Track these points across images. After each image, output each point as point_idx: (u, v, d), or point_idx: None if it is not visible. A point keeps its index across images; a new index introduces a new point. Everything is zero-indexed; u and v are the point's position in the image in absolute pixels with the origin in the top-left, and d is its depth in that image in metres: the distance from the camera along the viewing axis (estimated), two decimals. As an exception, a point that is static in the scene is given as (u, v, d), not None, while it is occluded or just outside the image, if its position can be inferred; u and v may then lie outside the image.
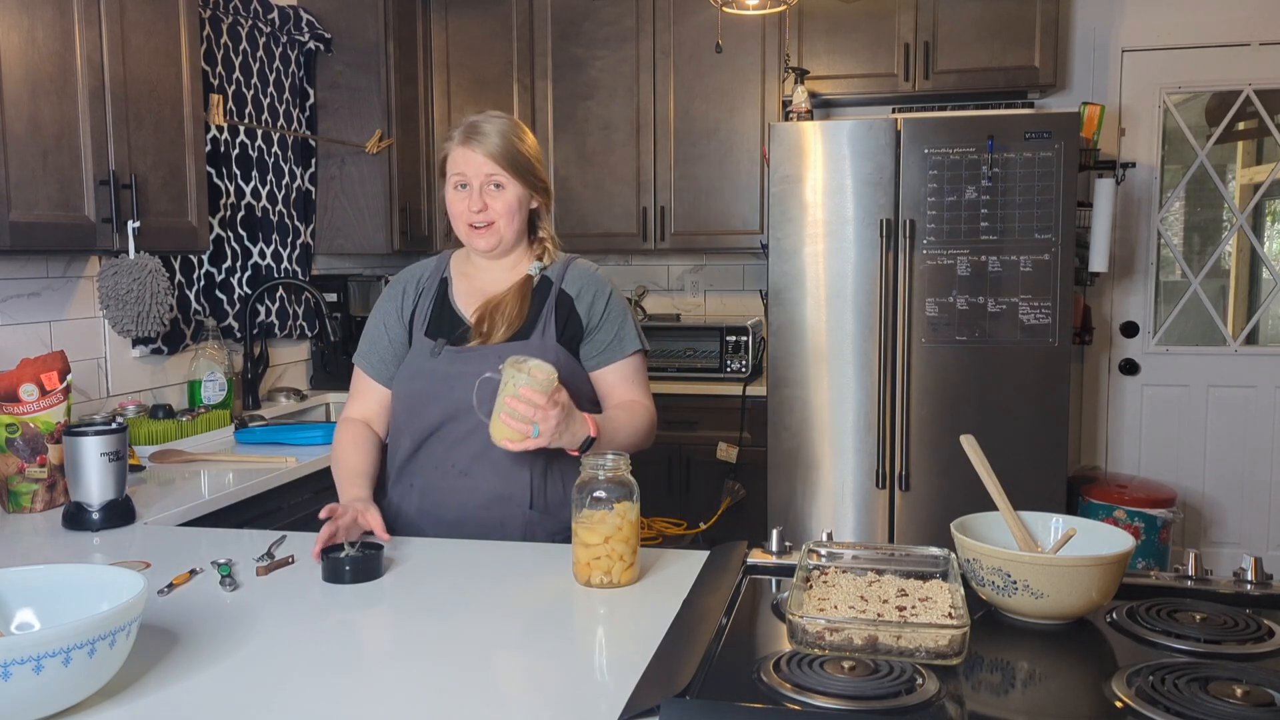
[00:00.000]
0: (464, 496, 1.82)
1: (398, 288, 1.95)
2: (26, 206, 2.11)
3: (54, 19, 2.16)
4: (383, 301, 1.96)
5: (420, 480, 1.85)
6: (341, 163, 3.63)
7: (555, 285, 1.88)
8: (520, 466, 1.80)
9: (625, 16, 4.06)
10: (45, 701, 1.01)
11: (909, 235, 3.42)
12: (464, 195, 1.83)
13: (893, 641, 1.11)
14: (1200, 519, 4.17)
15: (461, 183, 1.83)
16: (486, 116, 1.85)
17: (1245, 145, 4.12)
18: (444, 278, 1.93)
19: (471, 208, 1.82)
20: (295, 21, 3.40)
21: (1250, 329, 4.12)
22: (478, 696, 1.11)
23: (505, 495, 1.81)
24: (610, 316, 1.88)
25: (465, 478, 1.81)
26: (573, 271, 1.90)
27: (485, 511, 1.81)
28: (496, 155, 1.80)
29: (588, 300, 1.87)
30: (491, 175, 1.81)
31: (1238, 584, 1.34)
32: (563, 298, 1.87)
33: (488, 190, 1.82)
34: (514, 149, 1.82)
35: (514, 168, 1.82)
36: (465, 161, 1.82)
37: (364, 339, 1.95)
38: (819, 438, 3.57)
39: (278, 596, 1.44)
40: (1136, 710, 0.99)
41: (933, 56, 3.82)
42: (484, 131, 1.81)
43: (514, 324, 1.83)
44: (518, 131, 1.85)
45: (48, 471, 2.03)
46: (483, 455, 1.79)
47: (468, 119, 1.85)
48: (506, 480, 1.80)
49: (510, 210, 1.83)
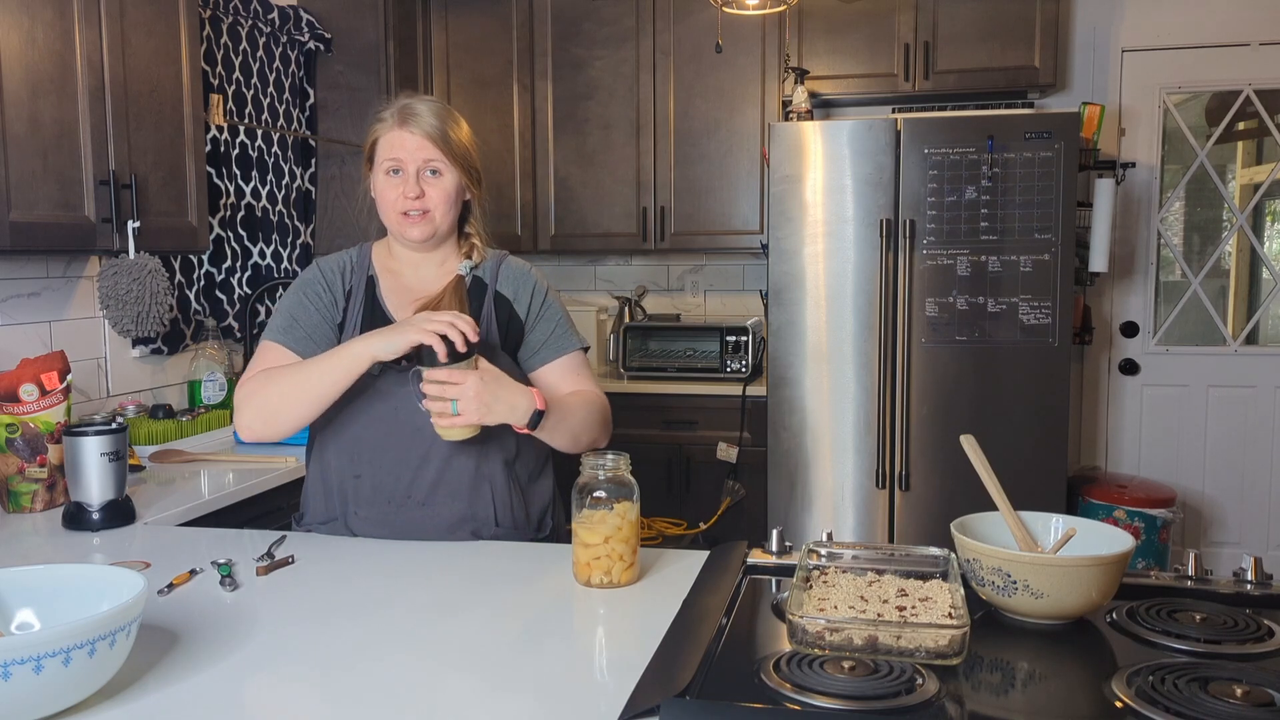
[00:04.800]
0: (426, 527, 1.72)
1: (325, 281, 1.77)
2: (26, 206, 2.10)
3: (54, 19, 2.16)
4: (304, 289, 1.76)
5: (368, 511, 1.73)
6: (341, 163, 3.63)
7: (490, 287, 1.78)
8: (481, 485, 1.72)
9: (625, 16, 4.06)
10: (45, 701, 1.01)
11: (909, 235, 3.42)
12: (397, 181, 1.71)
13: (893, 641, 1.11)
14: (1200, 519, 4.17)
15: (395, 168, 1.71)
16: (420, 98, 1.74)
17: (1245, 145, 4.12)
18: (370, 276, 1.79)
19: (407, 194, 1.69)
20: (295, 21, 3.40)
21: (1250, 329, 4.12)
22: (478, 696, 1.11)
23: (469, 516, 1.73)
24: (547, 313, 1.79)
25: (425, 508, 1.72)
26: (506, 270, 1.80)
27: (450, 535, 1.72)
28: (435, 139, 1.69)
29: (525, 300, 1.78)
30: (429, 160, 1.70)
31: (1238, 584, 1.34)
32: (500, 300, 1.77)
33: (424, 176, 1.71)
34: (451, 133, 1.72)
35: (451, 154, 1.71)
36: (400, 145, 1.69)
37: (282, 316, 1.74)
38: (819, 438, 3.57)
39: (278, 596, 1.44)
40: (1136, 710, 0.99)
41: (933, 56, 3.82)
42: (420, 113, 1.70)
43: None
44: (453, 117, 1.75)
45: (48, 471, 2.03)
46: (441, 480, 1.71)
47: (399, 101, 1.73)
48: (469, 502, 1.72)
49: (447, 198, 1.72)
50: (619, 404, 4.24)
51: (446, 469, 1.72)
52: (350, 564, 1.59)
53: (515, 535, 1.77)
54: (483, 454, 1.73)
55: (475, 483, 1.73)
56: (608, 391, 4.17)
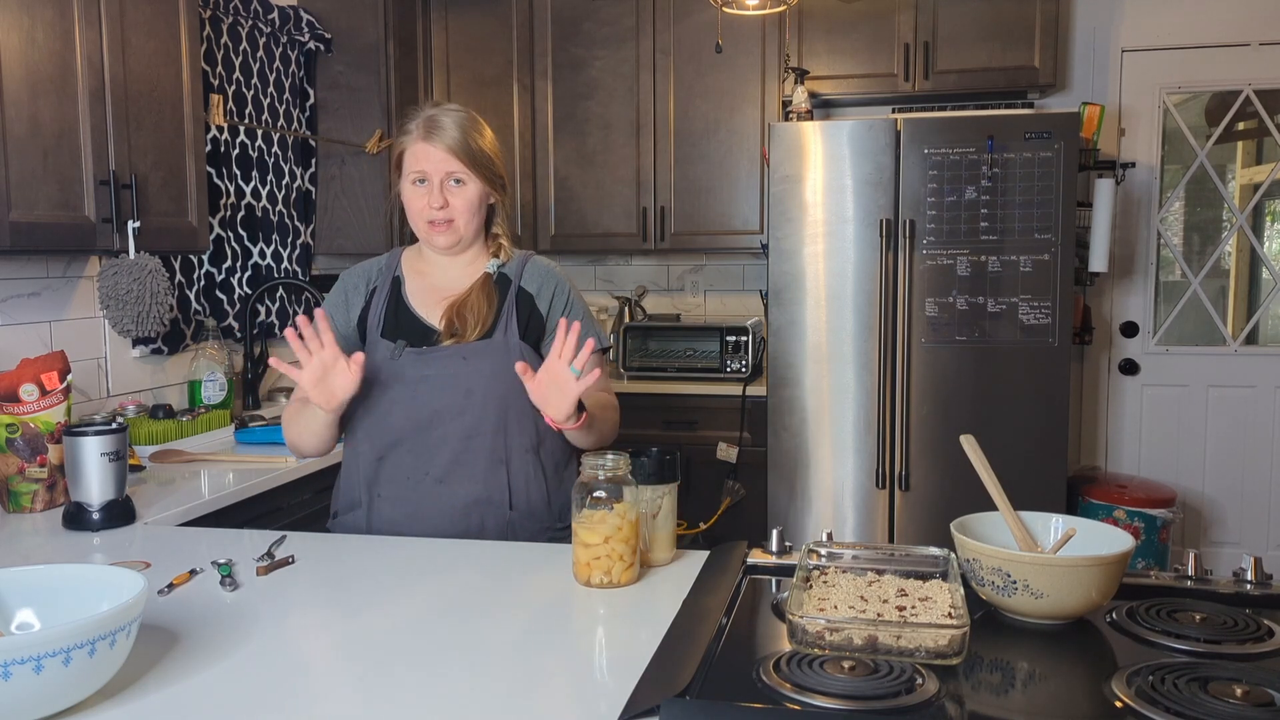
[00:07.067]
0: (442, 504, 1.78)
1: (345, 287, 1.89)
2: (26, 206, 2.11)
3: (54, 19, 2.16)
4: (330, 298, 1.89)
5: (389, 490, 1.80)
6: (341, 163, 3.63)
7: (514, 283, 1.85)
8: (497, 468, 1.78)
9: (625, 16, 4.06)
10: (45, 701, 1.01)
11: (909, 235, 3.42)
12: (423, 191, 1.79)
13: (893, 641, 1.11)
14: (1200, 519, 4.17)
15: (420, 178, 1.78)
16: (444, 109, 1.80)
17: (1245, 145, 4.12)
18: (396, 276, 1.88)
19: (432, 204, 1.77)
20: (295, 21, 3.40)
21: (1250, 329, 4.12)
22: (478, 696, 1.11)
23: (484, 499, 1.78)
24: (570, 312, 1.86)
25: (441, 485, 1.78)
26: (531, 269, 1.87)
27: (464, 517, 1.78)
28: (457, 150, 1.76)
29: (548, 297, 1.85)
30: (452, 172, 1.77)
31: (1238, 584, 1.34)
32: (523, 295, 1.84)
33: (448, 186, 1.78)
34: (474, 144, 1.78)
35: (474, 163, 1.78)
36: (425, 157, 1.77)
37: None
38: (819, 438, 3.57)
39: (278, 596, 1.44)
40: (1136, 710, 0.99)
41: (933, 56, 3.82)
42: (444, 125, 1.77)
43: (485, 322, 1.79)
44: (477, 126, 1.81)
45: (48, 471, 2.03)
46: (458, 461, 1.77)
47: (425, 112, 1.80)
48: (485, 483, 1.78)
49: (470, 207, 1.80)
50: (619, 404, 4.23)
51: (464, 449, 1.77)
52: (350, 564, 1.59)
53: (532, 522, 1.80)
54: (502, 437, 1.78)
55: (491, 464, 1.77)
56: (608, 391, 4.09)
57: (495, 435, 1.78)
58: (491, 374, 1.78)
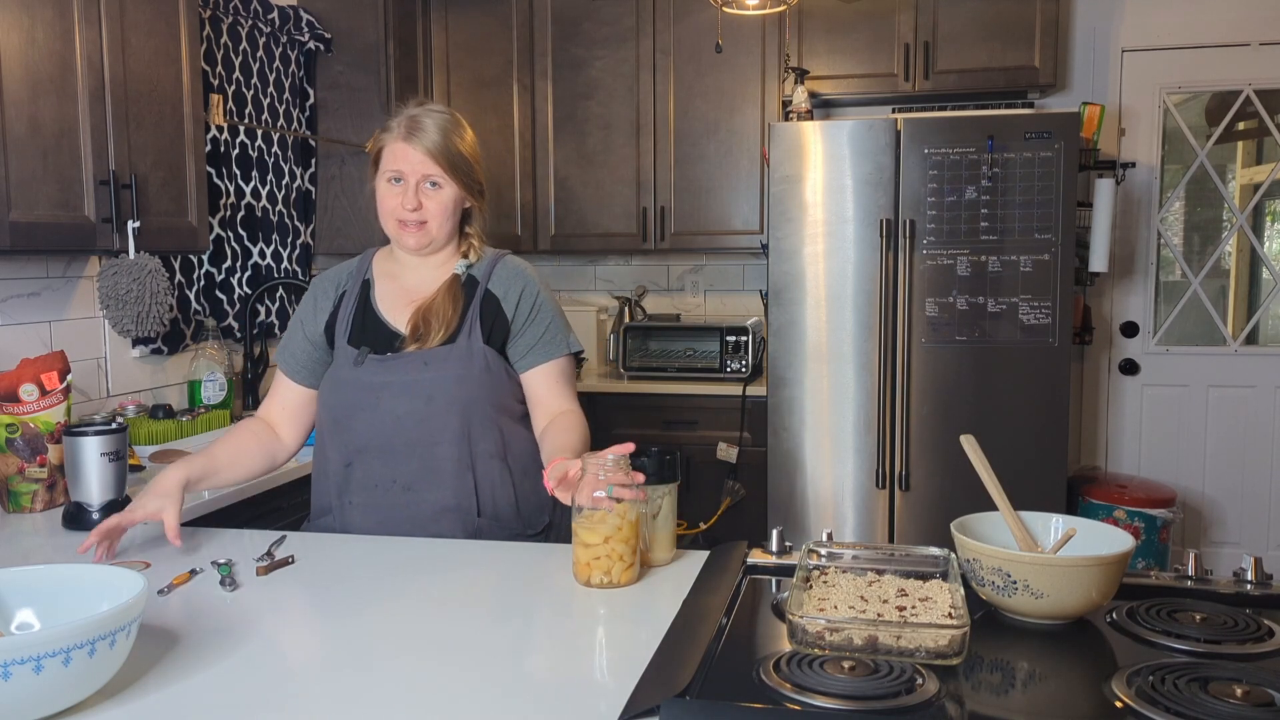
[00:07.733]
0: (410, 511, 1.77)
1: (315, 293, 1.89)
2: (26, 206, 2.10)
3: (54, 19, 2.16)
4: (302, 303, 1.90)
5: (359, 497, 1.79)
6: (341, 163, 3.63)
7: (481, 285, 1.81)
8: (464, 474, 1.76)
9: (625, 16, 4.06)
10: (45, 701, 1.01)
11: (909, 235, 3.42)
12: (397, 190, 1.77)
13: (893, 641, 1.11)
14: (1200, 519, 4.17)
15: (396, 177, 1.76)
16: (428, 110, 1.78)
17: (1245, 145, 4.12)
18: (366, 279, 1.86)
19: (405, 204, 1.75)
20: (295, 21, 3.40)
21: (1250, 329, 4.12)
22: (477, 696, 1.11)
23: (452, 506, 1.76)
24: (538, 316, 1.81)
25: (409, 492, 1.77)
26: (501, 270, 1.83)
27: (433, 524, 1.76)
28: (437, 154, 1.74)
29: (514, 299, 1.80)
30: (429, 174, 1.75)
31: (1238, 584, 1.34)
32: (488, 298, 1.81)
33: (423, 189, 1.76)
34: (454, 148, 1.76)
35: (452, 168, 1.76)
36: (403, 157, 1.75)
37: (286, 334, 1.91)
38: (819, 438, 3.57)
39: (278, 596, 1.44)
40: (1136, 710, 0.99)
41: (933, 56, 3.82)
42: (425, 127, 1.75)
43: (449, 326, 1.76)
44: (459, 129, 1.79)
45: (48, 471, 2.03)
46: (424, 468, 1.75)
47: (408, 111, 1.78)
48: (453, 491, 1.76)
49: (444, 211, 1.78)
50: (619, 404, 4.23)
51: (429, 456, 1.76)
52: (350, 564, 1.59)
53: (499, 529, 1.78)
54: (466, 444, 1.76)
55: (458, 472, 1.76)
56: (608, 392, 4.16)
57: (459, 442, 1.75)
58: (454, 379, 1.75)
